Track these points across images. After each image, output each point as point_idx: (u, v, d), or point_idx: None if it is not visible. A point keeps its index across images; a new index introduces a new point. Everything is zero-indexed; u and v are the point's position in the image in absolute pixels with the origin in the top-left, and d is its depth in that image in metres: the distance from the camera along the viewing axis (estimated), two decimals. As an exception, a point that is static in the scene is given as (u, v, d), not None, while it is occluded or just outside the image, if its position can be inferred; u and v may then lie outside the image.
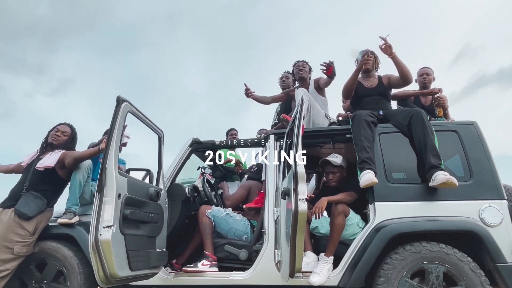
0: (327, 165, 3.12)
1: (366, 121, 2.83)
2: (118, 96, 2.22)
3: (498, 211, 2.55)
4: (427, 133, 2.71)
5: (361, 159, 2.71)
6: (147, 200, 2.55)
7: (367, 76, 3.38)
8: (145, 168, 2.88)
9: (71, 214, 2.91)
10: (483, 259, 2.53)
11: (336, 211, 2.70)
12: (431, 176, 2.60)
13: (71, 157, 2.90)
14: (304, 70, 3.86)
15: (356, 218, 2.82)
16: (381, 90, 3.27)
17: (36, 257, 2.83)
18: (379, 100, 3.18)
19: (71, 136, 3.10)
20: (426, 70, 3.73)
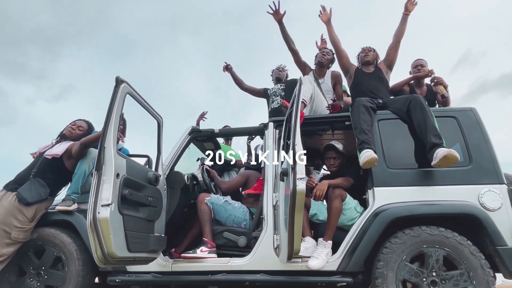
0: (330, 150, 3.13)
1: (365, 106, 2.84)
2: (117, 76, 2.23)
3: (497, 195, 2.54)
4: (426, 116, 2.71)
5: (360, 140, 2.70)
6: (146, 183, 2.54)
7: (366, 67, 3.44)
8: (144, 154, 2.88)
9: (70, 201, 2.91)
10: (483, 243, 2.51)
11: (333, 194, 2.70)
12: (432, 155, 2.55)
13: (77, 143, 2.91)
14: (326, 57, 3.83)
15: (353, 202, 2.82)
16: (379, 75, 3.35)
17: (34, 244, 2.83)
18: (378, 85, 3.24)
19: (86, 132, 3.14)
20: (420, 61, 3.77)
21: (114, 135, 2.18)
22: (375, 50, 3.53)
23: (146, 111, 2.72)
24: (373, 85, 3.18)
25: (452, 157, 2.42)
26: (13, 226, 2.67)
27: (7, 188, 2.83)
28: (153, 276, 2.74)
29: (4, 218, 2.67)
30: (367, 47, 3.54)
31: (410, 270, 2.43)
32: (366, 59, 3.43)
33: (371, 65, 3.43)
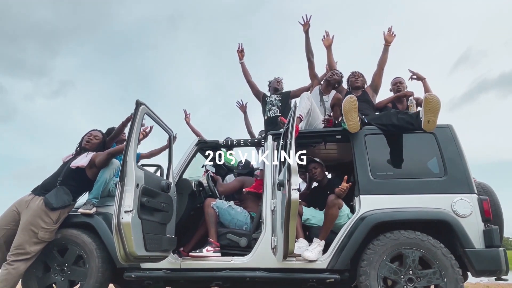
0: (311, 163, 3.65)
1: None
2: (137, 100, 2.59)
3: (468, 204, 2.90)
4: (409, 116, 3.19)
5: None
6: (159, 191, 2.90)
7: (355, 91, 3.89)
8: (156, 164, 3.24)
9: (91, 205, 3.26)
10: (454, 245, 2.86)
11: (332, 203, 3.05)
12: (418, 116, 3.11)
13: (104, 153, 3.27)
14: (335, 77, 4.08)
15: (347, 210, 3.18)
16: (366, 98, 3.77)
17: (58, 243, 3.18)
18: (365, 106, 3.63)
19: (102, 141, 3.50)
20: (399, 79, 4.23)
21: (134, 151, 2.54)
22: (363, 76, 3.96)
23: (160, 126, 3.08)
24: (360, 108, 3.54)
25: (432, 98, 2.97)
26: (40, 227, 3.02)
27: (35, 192, 3.19)
28: (164, 272, 3.09)
29: (32, 219, 3.02)
30: (357, 73, 3.96)
31: (390, 268, 2.79)
32: (356, 85, 3.88)
33: (360, 89, 3.86)
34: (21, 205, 3.14)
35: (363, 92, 3.81)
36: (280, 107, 4.21)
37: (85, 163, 3.23)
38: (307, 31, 4.15)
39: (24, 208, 3.11)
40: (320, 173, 3.62)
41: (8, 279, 2.92)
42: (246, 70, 4.70)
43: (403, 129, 3.17)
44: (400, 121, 3.14)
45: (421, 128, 3.06)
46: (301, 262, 2.96)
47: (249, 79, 4.69)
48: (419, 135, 3.19)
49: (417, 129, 3.12)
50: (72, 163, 3.23)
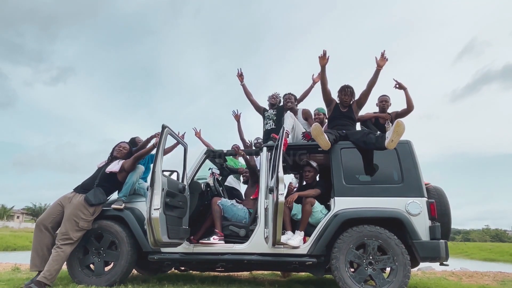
0: (307, 165, 4.31)
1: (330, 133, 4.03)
2: (163, 124, 3.41)
3: (418, 205, 3.70)
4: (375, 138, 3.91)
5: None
6: (177, 192, 3.73)
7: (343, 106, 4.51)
8: (174, 169, 4.06)
9: (121, 202, 4.09)
10: (405, 237, 3.68)
11: (305, 201, 3.90)
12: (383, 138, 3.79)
13: (131, 159, 4.09)
14: (291, 100, 4.99)
15: (320, 207, 4.00)
16: (350, 115, 4.43)
17: (95, 231, 4.01)
18: (348, 124, 4.36)
19: (129, 151, 4.34)
20: (384, 97, 4.90)
21: (161, 163, 3.35)
22: (353, 93, 4.46)
23: (177, 141, 3.89)
24: (343, 123, 4.31)
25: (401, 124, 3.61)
26: (80, 217, 3.85)
27: (76, 190, 4.02)
28: (180, 255, 3.93)
29: (74, 212, 3.85)
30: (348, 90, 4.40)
31: (355, 254, 3.62)
32: (345, 101, 4.43)
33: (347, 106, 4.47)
34: (65, 200, 3.98)
35: (349, 109, 4.43)
36: (275, 120, 5.00)
37: (117, 169, 4.06)
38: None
39: (68, 203, 3.94)
40: (312, 177, 4.36)
41: (58, 259, 3.76)
42: (247, 91, 5.45)
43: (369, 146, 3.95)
44: (368, 140, 3.92)
45: (383, 147, 3.77)
46: (287, 248, 3.79)
47: (251, 98, 5.45)
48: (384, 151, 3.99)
49: (379, 149, 3.86)
50: (107, 169, 4.06)
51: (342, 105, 4.47)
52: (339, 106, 4.48)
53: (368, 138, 3.93)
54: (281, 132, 3.71)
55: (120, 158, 4.21)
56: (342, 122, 4.37)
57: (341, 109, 4.46)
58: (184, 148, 4.09)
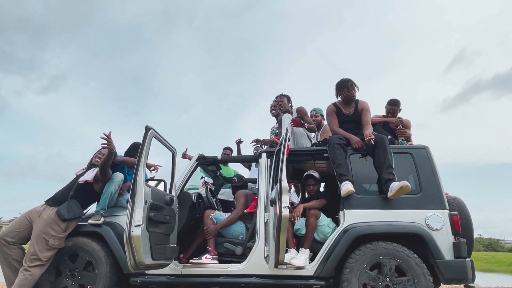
0: (310, 178, 3.83)
1: (339, 143, 3.54)
2: (147, 125, 2.91)
3: (440, 218, 3.25)
4: (386, 155, 3.41)
5: (339, 173, 3.41)
6: (164, 205, 3.22)
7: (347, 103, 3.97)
8: (161, 179, 3.56)
9: (99, 216, 3.57)
10: (426, 255, 3.21)
11: (309, 214, 3.43)
12: (388, 188, 3.29)
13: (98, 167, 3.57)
14: (283, 103, 4.49)
15: (326, 220, 3.53)
16: (356, 118, 3.89)
17: (69, 250, 3.48)
18: (356, 127, 3.81)
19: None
20: (393, 109, 4.45)
21: (143, 171, 2.85)
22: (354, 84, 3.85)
23: (164, 146, 3.40)
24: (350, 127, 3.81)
25: (406, 187, 3.13)
26: (50, 235, 3.32)
27: (48, 203, 3.50)
28: (167, 278, 3.41)
29: (43, 228, 3.33)
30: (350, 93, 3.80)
31: (369, 276, 3.14)
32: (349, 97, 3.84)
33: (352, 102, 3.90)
34: (34, 214, 3.45)
35: (355, 109, 3.88)
36: (277, 134, 4.52)
37: (90, 178, 3.54)
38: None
39: (37, 217, 3.42)
40: (316, 189, 3.88)
41: (25, 284, 3.23)
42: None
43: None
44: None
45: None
46: (290, 269, 3.29)
47: None
48: (398, 155, 3.54)
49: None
50: (80, 178, 3.54)
51: (345, 102, 3.88)
52: (341, 110, 3.96)
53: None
54: (283, 135, 3.24)
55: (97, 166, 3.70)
56: (350, 126, 3.88)
57: (345, 112, 3.96)
58: (172, 155, 3.59)
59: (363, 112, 3.88)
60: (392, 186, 3.24)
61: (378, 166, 3.45)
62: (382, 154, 3.44)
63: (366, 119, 3.83)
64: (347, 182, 3.33)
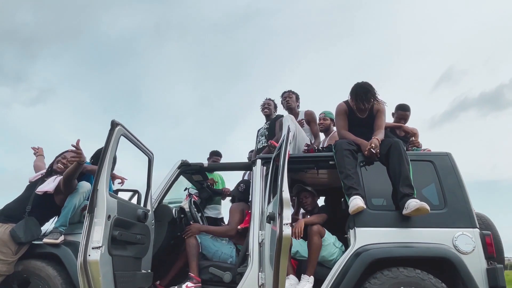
0: (301, 191, 3.36)
1: (348, 149, 2.98)
2: (113, 120, 2.31)
3: (470, 239, 2.70)
4: (402, 163, 2.87)
5: (347, 186, 2.84)
6: (135, 221, 2.60)
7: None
8: (133, 189, 2.94)
9: (58, 234, 2.91)
10: (456, 284, 2.64)
11: (312, 231, 2.85)
12: (404, 204, 2.74)
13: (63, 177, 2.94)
14: (291, 99, 4.00)
15: (331, 238, 2.95)
16: (370, 122, 3.33)
17: (19, 276, 2.81)
18: (368, 132, 3.24)
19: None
20: (405, 115, 3.93)
21: (107, 177, 2.24)
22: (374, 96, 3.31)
23: (138, 149, 2.79)
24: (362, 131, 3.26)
25: (424, 209, 2.59)
26: None
27: None
28: (138, 311, 2.76)
29: None
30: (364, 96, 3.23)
31: (388, 310, 2.54)
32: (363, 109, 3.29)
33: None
34: None
35: (370, 113, 3.31)
36: (267, 136, 3.98)
37: (51, 189, 2.90)
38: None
39: None
40: (311, 203, 3.36)
41: None
42: None
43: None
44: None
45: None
46: (291, 298, 2.68)
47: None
48: (416, 163, 3.00)
49: None
50: (38, 189, 2.89)
51: (360, 109, 3.30)
52: (354, 112, 3.37)
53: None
54: (284, 136, 2.68)
55: (61, 173, 3.06)
56: (362, 131, 3.31)
57: (358, 115, 3.36)
58: (148, 159, 2.97)
59: (378, 115, 3.33)
60: (409, 205, 2.68)
61: (393, 176, 2.90)
62: (397, 162, 2.89)
63: (380, 123, 3.29)
64: (356, 197, 2.76)
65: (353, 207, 2.74)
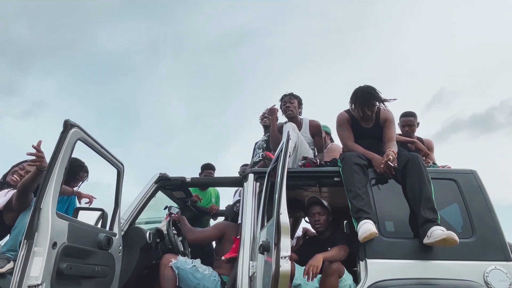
0: (315, 205, 2.78)
1: (358, 164, 2.52)
2: (66, 120, 1.82)
3: (505, 275, 2.22)
4: (423, 182, 2.41)
5: (357, 208, 2.36)
6: (94, 248, 2.07)
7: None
8: (98, 207, 2.42)
9: (5, 260, 2.36)
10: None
11: (330, 270, 2.31)
12: (425, 232, 2.27)
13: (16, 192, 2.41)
14: (293, 106, 3.47)
15: (349, 279, 2.42)
16: (377, 133, 2.90)
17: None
18: (377, 144, 2.82)
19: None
20: (408, 120, 3.52)
21: (54, 193, 1.73)
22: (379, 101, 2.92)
23: (103, 158, 2.28)
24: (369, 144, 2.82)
25: (452, 241, 2.12)
26: None
27: None
28: None
29: None
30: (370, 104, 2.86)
31: None
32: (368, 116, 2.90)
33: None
34: None
35: (376, 121, 2.90)
36: (265, 148, 3.50)
37: (1, 204, 2.38)
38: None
39: None
40: (325, 222, 2.78)
41: None
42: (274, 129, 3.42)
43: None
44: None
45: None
46: None
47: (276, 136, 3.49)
48: (436, 182, 2.54)
49: None
50: None
51: (364, 117, 2.89)
52: (357, 121, 2.95)
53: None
54: (282, 145, 2.21)
55: (15, 186, 2.53)
56: (369, 142, 2.87)
57: (363, 125, 2.94)
58: (117, 172, 2.46)
59: (387, 125, 2.89)
60: (432, 233, 2.20)
61: (412, 197, 2.43)
62: (417, 180, 2.43)
63: (391, 134, 2.85)
64: (367, 221, 2.27)
65: (364, 233, 2.25)
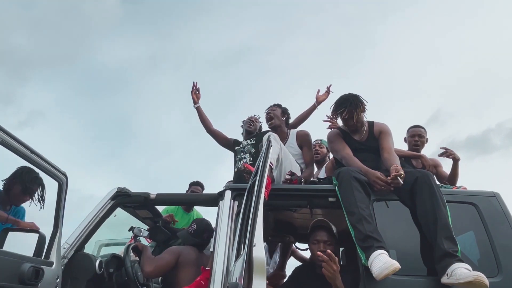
0: (321, 231, 2.26)
1: (358, 179, 2.07)
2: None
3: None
4: (437, 205, 1.96)
5: (364, 234, 1.88)
6: (14, 284, 1.58)
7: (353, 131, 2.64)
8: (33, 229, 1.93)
9: None
10: None
11: None
12: (445, 269, 1.80)
13: None
14: (274, 113, 3.14)
15: None
16: (373, 145, 2.54)
17: None
18: (374, 159, 2.44)
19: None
20: (418, 131, 3.18)
21: None
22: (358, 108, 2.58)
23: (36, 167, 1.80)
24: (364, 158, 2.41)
25: (481, 284, 1.63)
26: None
27: None
28: None
29: None
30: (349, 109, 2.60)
31: None
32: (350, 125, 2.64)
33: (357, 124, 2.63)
34: None
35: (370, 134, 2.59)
36: (254, 153, 3.06)
37: None
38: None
39: None
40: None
41: None
42: (204, 117, 3.52)
43: None
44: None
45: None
46: None
47: (210, 128, 3.50)
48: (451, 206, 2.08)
49: None
50: None
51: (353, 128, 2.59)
52: (349, 135, 2.62)
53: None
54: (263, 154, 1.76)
55: None
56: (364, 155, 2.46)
57: (355, 138, 2.60)
58: (58, 185, 1.97)
59: (382, 136, 2.54)
60: (455, 272, 1.73)
61: (425, 224, 1.97)
62: (429, 203, 1.98)
63: (388, 145, 2.47)
64: (382, 252, 1.80)
65: (384, 268, 1.72)
